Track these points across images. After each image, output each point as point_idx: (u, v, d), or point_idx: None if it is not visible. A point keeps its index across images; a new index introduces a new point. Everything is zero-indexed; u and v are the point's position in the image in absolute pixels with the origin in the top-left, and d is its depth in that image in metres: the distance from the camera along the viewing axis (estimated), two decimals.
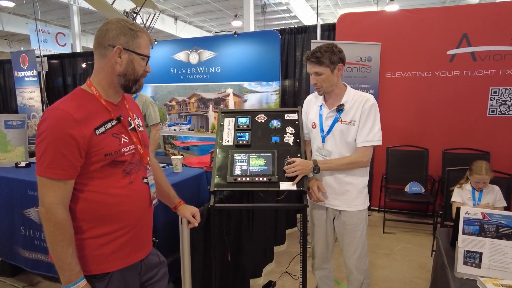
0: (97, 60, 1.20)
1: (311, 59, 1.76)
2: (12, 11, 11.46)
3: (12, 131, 2.86)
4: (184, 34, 13.31)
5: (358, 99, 1.79)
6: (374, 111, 1.77)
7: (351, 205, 1.85)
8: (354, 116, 1.78)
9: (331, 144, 1.84)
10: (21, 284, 2.65)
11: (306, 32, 4.70)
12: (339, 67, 1.77)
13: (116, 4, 6.36)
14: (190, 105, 4.99)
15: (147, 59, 1.23)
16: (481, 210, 1.47)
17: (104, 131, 1.15)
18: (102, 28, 1.17)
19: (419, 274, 2.85)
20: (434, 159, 3.87)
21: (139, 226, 1.28)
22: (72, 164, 1.09)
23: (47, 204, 1.07)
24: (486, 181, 2.49)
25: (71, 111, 1.08)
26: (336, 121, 1.81)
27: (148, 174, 1.32)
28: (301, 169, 1.73)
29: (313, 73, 1.78)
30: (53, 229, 1.07)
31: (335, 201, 1.88)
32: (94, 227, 1.17)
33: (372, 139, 1.77)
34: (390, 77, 4.04)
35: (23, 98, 6.94)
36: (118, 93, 1.25)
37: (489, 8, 3.67)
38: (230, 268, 2.26)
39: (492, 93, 3.72)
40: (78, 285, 1.09)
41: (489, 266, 1.44)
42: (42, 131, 1.07)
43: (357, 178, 1.85)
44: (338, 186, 1.85)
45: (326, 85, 1.78)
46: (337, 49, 1.76)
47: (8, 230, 2.54)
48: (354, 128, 1.78)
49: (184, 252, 1.73)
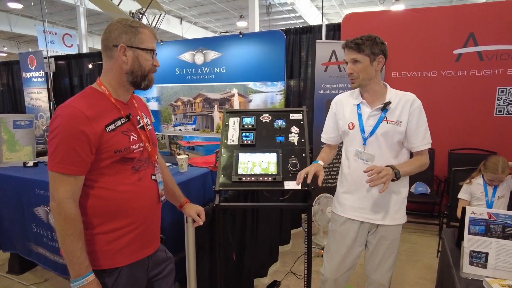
0: (105, 62, 1.23)
1: (350, 44, 1.61)
2: (20, 13, 11.61)
3: (20, 131, 2.90)
4: (189, 35, 13.37)
5: (403, 97, 1.64)
6: (423, 111, 1.65)
7: (393, 218, 1.69)
8: (400, 116, 1.62)
9: (374, 147, 1.65)
10: (29, 281, 2.68)
11: (311, 32, 4.70)
12: (380, 59, 1.61)
13: (122, 5, 6.42)
14: (195, 105, 5.01)
15: (153, 52, 1.25)
16: (487, 210, 1.46)
17: (114, 129, 1.18)
18: (105, 31, 1.21)
19: (424, 274, 2.83)
20: (440, 159, 3.84)
21: (147, 223, 1.30)
22: (83, 160, 1.11)
23: (58, 198, 1.10)
24: (502, 179, 2.40)
25: (83, 108, 1.11)
26: (381, 120, 1.63)
27: (156, 171, 1.34)
28: (387, 174, 1.46)
29: (350, 60, 1.62)
30: (63, 223, 1.10)
31: (375, 215, 1.69)
32: (104, 222, 1.20)
33: (429, 141, 1.66)
34: (395, 77, 4.02)
35: (30, 99, 7.02)
36: (128, 91, 1.28)
37: (496, 7, 3.63)
38: (235, 267, 2.27)
39: (499, 93, 3.68)
40: (86, 279, 1.11)
41: (495, 266, 1.43)
42: (55, 127, 1.10)
43: (401, 187, 1.69)
44: (381, 196, 1.66)
45: (362, 76, 1.61)
46: (380, 40, 1.62)
47: (20, 227, 2.57)
48: (400, 130, 1.61)
49: (189, 251, 1.75)
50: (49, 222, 2.37)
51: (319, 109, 3.72)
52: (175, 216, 2.01)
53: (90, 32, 13.47)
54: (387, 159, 1.63)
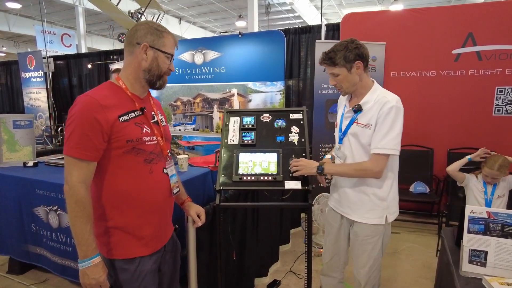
0: (126, 57, 1.31)
1: (325, 61, 1.65)
2: (18, 13, 11.57)
3: (20, 131, 2.90)
4: (188, 35, 13.37)
5: (380, 100, 1.59)
6: (393, 114, 1.55)
7: (363, 216, 1.70)
8: (371, 119, 1.60)
9: (347, 147, 1.72)
10: (30, 282, 2.68)
11: (310, 32, 4.71)
12: (357, 65, 1.60)
13: (121, 5, 6.41)
14: (195, 105, 5.02)
15: (171, 58, 1.34)
16: (487, 209, 1.47)
17: (128, 119, 1.24)
18: (132, 29, 1.30)
19: (424, 273, 2.84)
20: (439, 159, 3.86)
21: (160, 214, 1.37)
22: (95, 146, 1.17)
23: (70, 182, 1.16)
24: (496, 177, 2.41)
25: (98, 98, 1.19)
26: (352, 122, 1.67)
27: (167, 165, 1.39)
28: (302, 167, 1.67)
29: (330, 74, 1.67)
30: (74, 205, 1.16)
31: (348, 209, 1.76)
32: (119, 214, 1.26)
33: (384, 147, 1.55)
34: (394, 76, 4.04)
35: (29, 99, 7.02)
36: (144, 87, 1.35)
37: (494, 7, 3.65)
38: (235, 267, 2.27)
39: (498, 93, 3.70)
40: (93, 260, 1.18)
41: (494, 264, 1.44)
42: (72, 114, 1.17)
43: (373, 188, 1.67)
44: (353, 194, 1.72)
45: (345, 85, 1.65)
46: (354, 45, 1.59)
47: (16, 228, 2.57)
48: (368, 132, 1.60)
49: (190, 250, 1.75)
50: (49, 222, 2.37)
51: (318, 109, 3.72)
52: (175, 215, 2.01)
53: (89, 32, 13.46)
54: (359, 159, 1.67)
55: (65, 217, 2.29)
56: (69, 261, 2.35)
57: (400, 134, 1.58)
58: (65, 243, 2.34)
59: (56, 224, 2.34)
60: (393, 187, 1.71)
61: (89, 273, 1.17)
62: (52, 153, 3.47)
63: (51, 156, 3.22)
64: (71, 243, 2.29)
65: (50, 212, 2.35)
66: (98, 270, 1.19)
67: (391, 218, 1.74)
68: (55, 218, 2.33)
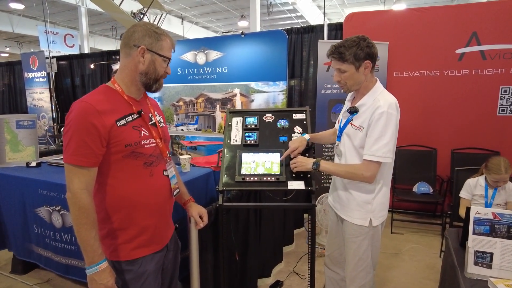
0: (122, 59, 1.28)
1: (334, 54, 1.59)
2: (21, 13, 11.62)
3: (23, 131, 2.91)
4: (190, 35, 13.37)
5: (374, 103, 1.56)
6: (383, 121, 1.50)
7: (348, 215, 1.72)
8: (364, 122, 1.58)
9: (343, 145, 1.72)
10: (33, 281, 2.69)
11: (313, 31, 4.70)
12: (366, 64, 1.56)
13: (124, 5, 6.42)
14: (197, 105, 5.01)
15: (168, 61, 1.32)
16: (492, 210, 1.45)
17: (125, 123, 1.23)
18: (129, 30, 1.26)
19: (427, 274, 2.83)
20: (443, 159, 3.83)
21: (161, 215, 1.37)
22: (93, 152, 1.16)
23: (73, 189, 1.15)
24: (506, 180, 2.37)
25: (94, 103, 1.17)
26: (348, 123, 1.68)
27: (167, 167, 1.39)
28: (299, 163, 1.69)
29: (336, 69, 1.62)
30: (78, 213, 1.15)
31: (338, 206, 1.80)
32: (121, 217, 1.26)
33: (375, 154, 1.52)
34: (398, 76, 4.02)
35: (32, 99, 7.04)
36: (140, 90, 1.33)
37: (498, 6, 3.62)
38: (238, 267, 2.27)
39: (502, 92, 3.67)
40: (100, 266, 1.17)
41: (500, 266, 1.42)
42: (68, 121, 1.17)
43: (358, 192, 1.66)
44: (342, 193, 1.75)
45: (350, 83, 1.61)
46: (365, 43, 1.56)
47: (21, 227, 2.58)
48: (361, 135, 1.59)
49: (192, 251, 1.75)
50: (52, 222, 2.37)
51: (321, 109, 3.71)
52: (178, 215, 2.01)
53: (91, 32, 13.51)
54: (350, 159, 1.67)
55: (69, 217, 2.29)
56: (74, 260, 2.35)
57: (392, 141, 1.53)
58: (69, 243, 2.34)
59: (59, 224, 2.34)
60: (381, 192, 1.66)
61: (97, 279, 1.17)
62: (55, 153, 3.48)
63: (54, 156, 3.22)
64: (76, 242, 2.28)
65: (53, 212, 2.35)
66: (106, 275, 1.18)
67: (377, 222, 1.67)
68: (59, 218, 2.33)
